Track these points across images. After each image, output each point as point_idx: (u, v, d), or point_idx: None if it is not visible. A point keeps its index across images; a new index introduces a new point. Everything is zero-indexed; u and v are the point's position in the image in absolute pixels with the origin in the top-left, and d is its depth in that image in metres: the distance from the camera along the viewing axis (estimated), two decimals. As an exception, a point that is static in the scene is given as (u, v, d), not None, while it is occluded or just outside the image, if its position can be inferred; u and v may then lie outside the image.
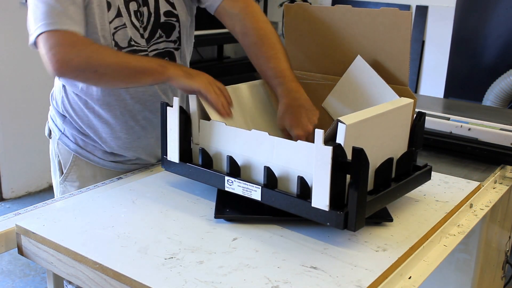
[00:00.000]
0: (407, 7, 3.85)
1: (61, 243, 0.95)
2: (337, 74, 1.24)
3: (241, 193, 1.03)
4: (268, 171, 0.99)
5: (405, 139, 1.12)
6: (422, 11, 3.80)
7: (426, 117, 1.58)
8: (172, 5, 1.30)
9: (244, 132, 1.05)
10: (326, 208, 0.91)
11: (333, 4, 4.20)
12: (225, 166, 1.07)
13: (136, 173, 1.34)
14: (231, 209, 1.06)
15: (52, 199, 1.17)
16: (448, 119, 1.60)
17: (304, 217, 0.96)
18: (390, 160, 1.03)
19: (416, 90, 3.87)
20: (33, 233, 0.99)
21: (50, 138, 1.42)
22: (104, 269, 0.88)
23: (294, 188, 0.97)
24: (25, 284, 2.51)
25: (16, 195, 3.36)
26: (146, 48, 1.28)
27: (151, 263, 0.88)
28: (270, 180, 1.00)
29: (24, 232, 1.01)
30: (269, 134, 1.01)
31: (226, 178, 1.05)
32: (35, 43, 1.15)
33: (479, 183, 1.30)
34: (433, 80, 3.80)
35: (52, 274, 1.06)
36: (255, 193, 1.01)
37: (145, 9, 1.27)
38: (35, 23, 1.13)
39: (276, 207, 0.99)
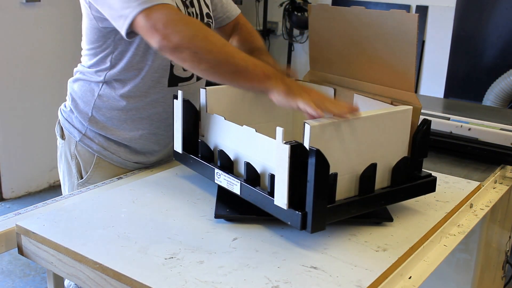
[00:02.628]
0: (407, 7, 3.85)
1: (61, 243, 0.95)
2: (353, 77, 1.22)
3: (225, 186, 1.06)
4: (248, 167, 1.01)
5: (403, 146, 1.08)
6: (422, 11, 3.80)
7: (426, 117, 1.58)
8: (208, 7, 1.38)
9: (236, 127, 1.06)
10: (285, 207, 0.91)
11: (332, 4, 4.19)
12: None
13: (136, 173, 1.34)
14: (231, 209, 1.06)
15: (52, 199, 1.17)
16: (448, 119, 1.60)
17: (272, 214, 0.96)
18: (372, 166, 1.00)
19: (416, 90, 3.87)
20: (33, 233, 0.99)
21: (62, 139, 1.37)
22: (104, 269, 0.88)
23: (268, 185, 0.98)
24: (25, 284, 2.51)
25: (16, 195, 3.36)
26: None
27: (151, 263, 0.88)
28: (250, 175, 1.01)
29: (24, 232, 1.01)
30: (257, 131, 1.01)
31: (216, 170, 1.08)
32: (131, 24, 1.08)
33: (479, 183, 1.30)
34: (433, 80, 3.80)
35: (52, 274, 1.06)
36: (236, 187, 1.03)
37: (193, 10, 1.32)
38: (128, 5, 1.07)
39: (253, 203, 1.00)
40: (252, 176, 1.01)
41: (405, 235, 1.01)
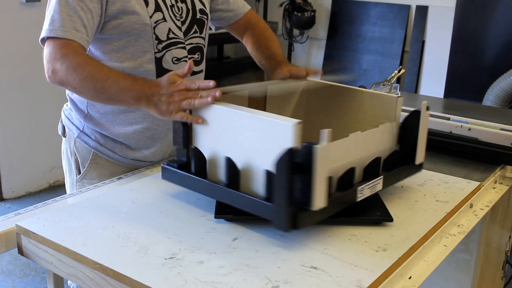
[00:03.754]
0: (407, 7, 3.85)
1: (61, 243, 0.95)
2: None
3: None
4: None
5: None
6: (422, 11, 3.80)
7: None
8: (203, 4, 1.40)
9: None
10: None
11: (332, 4, 4.20)
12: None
13: (136, 173, 1.35)
14: (231, 209, 1.05)
15: (52, 199, 1.17)
16: (448, 119, 1.60)
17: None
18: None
19: (416, 90, 3.87)
20: (33, 233, 0.99)
21: (64, 136, 1.42)
22: (104, 269, 0.88)
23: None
24: (25, 284, 2.51)
25: (16, 195, 3.36)
26: (183, 41, 1.33)
27: (151, 263, 0.88)
28: None
29: (24, 232, 1.01)
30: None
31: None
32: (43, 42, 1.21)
33: (479, 183, 1.30)
34: (433, 80, 3.79)
35: (52, 274, 1.06)
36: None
37: (183, 5, 1.34)
38: (45, 26, 1.19)
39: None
40: None
41: (405, 235, 1.01)
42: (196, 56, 1.38)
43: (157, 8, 1.27)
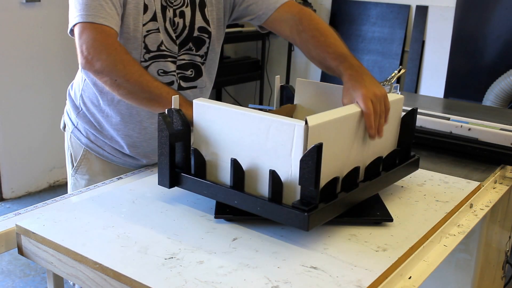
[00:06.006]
0: (407, 7, 3.85)
1: (61, 243, 0.95)
2: None
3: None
4: None
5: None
6: (422, 11, 3.80)
7: (426, 117, 1.58)
8: (208, 22, 1.33)
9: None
10: None
11: (332, 4, 4.20)
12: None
13: (136, 173, 1.35)
14: (231, 209, 1.05)
15: (52, 199, 1.17)
16: (448, 119, 1.60)
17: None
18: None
19: (416, 90, 3.88)
20: (33, 233, 0.99)
21: (64, 131, 1.45)
22: (104, 269, 0.88)
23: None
24: (25, 284, 2.51)
25: (16, 195, 3.36)
26: (175, 55, 1.30)
27: (151, 263, 0.88)
28: None
29: (24, 232, 1.01)
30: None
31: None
32: (72, 32, 1.18)
33: (479, 183, 1.30)
34: (433, 80, 3.80)
35: (52, 274, 1.06)
36: None
37: (180, 21, 1.29)
38: (74, 12, 1.16)
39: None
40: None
41: (405, 235, 1.01)
42: (188, 72, 1.34)
43: (154, 18, 1.24)
